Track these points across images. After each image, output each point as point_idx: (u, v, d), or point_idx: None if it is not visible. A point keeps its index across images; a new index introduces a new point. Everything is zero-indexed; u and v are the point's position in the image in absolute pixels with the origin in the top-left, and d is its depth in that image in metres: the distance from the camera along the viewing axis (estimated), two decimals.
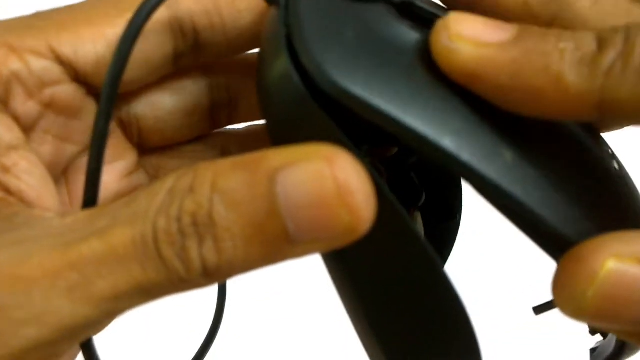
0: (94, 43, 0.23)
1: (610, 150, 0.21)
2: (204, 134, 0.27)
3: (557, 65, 0.18)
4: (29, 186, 0.21)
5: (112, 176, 0.25)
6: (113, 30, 0.23)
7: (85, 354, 0.21)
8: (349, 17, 0.20)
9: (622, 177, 0.20)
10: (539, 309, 0.23)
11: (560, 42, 0.18)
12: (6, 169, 0.21)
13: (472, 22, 0.19)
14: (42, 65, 0.22)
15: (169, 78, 0.25)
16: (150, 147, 0.26)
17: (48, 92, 0.23)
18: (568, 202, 0.19)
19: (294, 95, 0.19)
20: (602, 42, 0.18)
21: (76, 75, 0.23)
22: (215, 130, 0.27)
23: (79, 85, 0.23)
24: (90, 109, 0.24)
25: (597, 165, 0.20)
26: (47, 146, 0.23)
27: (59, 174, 0.25)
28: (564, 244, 0.18)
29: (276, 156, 0.17)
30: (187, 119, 0.26)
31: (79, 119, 0.24)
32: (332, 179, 0.17)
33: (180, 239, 0.17)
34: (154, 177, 0.26)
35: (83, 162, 0.25)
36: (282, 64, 0.19)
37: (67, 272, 0.18)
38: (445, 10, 0.21)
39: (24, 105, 0.22)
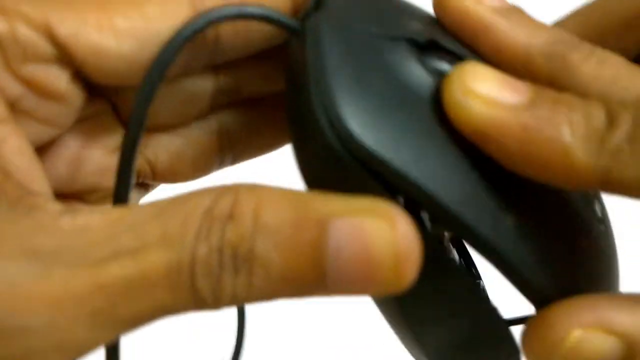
0: (100, 32, 0.20)
1: (595, 206, 0.22)
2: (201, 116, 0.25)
3: (566, 138, 0.18)
4: (19, 169, 0.19)
5: (99, 151, 0.23)
6: (124, 21, 0.20)
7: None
8: (372, 63, 0.20)
9: (605, 235, 0.22)
10: (511, 322, 0.24)
11: (572, 112, 0.18)
12: None
13: (488, 78, 0.19)
14: (29, 36, 0.20)
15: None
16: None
17: (29, 69, 0.20)
18: (552, 262, 0.20)
19: (330, 152, 0.19)
20: (611, 118, 0.18)
21: (69, 60, 0.20)
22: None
23: (65, 69, 0.21)
24: (74, 95, 0.21)
25: (583, 224, 0.21)
26: (28, 128, 0.21)
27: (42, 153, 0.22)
28: (544, 298, 0.20)
29: (328, 203, 0.17)
30: (185, 106, 0.24)
31: (61, 104, 0.21)
32: (393, 242, 0.16)
33: (218, 272, 0.17)
34: (140, 152, 0.24)
35: (62, 142, 0.23)
36: (314, 117, 0.19)
37: (93, 295, 0.16)
38: (465, 49, 0.21)
39: (4, 78, 0.20)
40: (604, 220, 0.23)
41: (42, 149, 0.22)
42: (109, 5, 0.20)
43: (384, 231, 0.16)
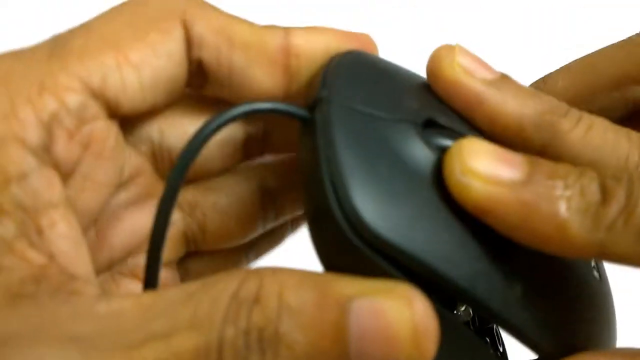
0: (120, 70, 0.21)
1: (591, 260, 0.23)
2: (233, 165, 0.26)
3: (563, 214, 0.19)
4: (62, 252, 0.20)
5: (145, 216, 0.24)
6: (137, 54, 0.22)
7: None
8: (380, 148, 0.20)
9: (601, 290, 0.23)
10: None
11: (567, 187, 0.19)
12: (41, 231, 0.20)
13: (485, 155, 0.20)
14: (78, 102, 0.21)
15: (202, 110, 0.25)
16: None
17: (86, 131, 0.21)
18: (556, 322, 0.21)
19: (344, 240, 0.19)
20: (605, 192, 0.19)
21: (108, 106, 0.22)
22: (247, 162, 0.26)
23: (111, 122, 0.22)
24: (122, 149, 0.23)
25: (583, 283, 0.22)
26: (85, 194, 0.22)
27: (91, 221, 0.23)
28: (548, 355, 0.21)
29: (348, 284, 0.18)
30: (220, 150, 0.25)
31: (113, 161, 0.23)
32: (411, 321, 0.17)
33: (245, 354, 0.17)
34: (189, 214, 0.26)
35: (115, 203, 0.24)
36: (327, 206, 0.20)
37: None
38: (462, 121, 0.22)
39: (66, 150, 0.21)
40: (599, 271, 0.23)
41: (103, 226, 0.24)
42: (118, 42, 0.22)
43: (402, 311, 0.17)
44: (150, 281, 0.21)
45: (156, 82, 0.22)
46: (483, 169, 0.19)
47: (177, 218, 0.25)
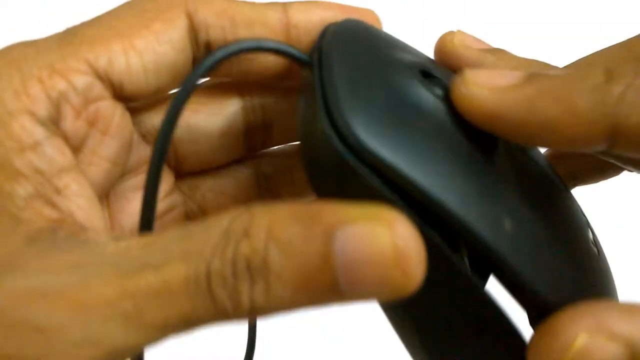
0: (126, 55, 0.23)
1: (589, 233, 0.24)
2: (238, 158, 0.28)
3: (568, 95, 0.20)
4: (79, 208, 0.21)
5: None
6: (141, 41, 0.23)
7: None
8: (377, 81, 0.21)
9: (598, 257, 0.23)
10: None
11: (568, 77, 0.20)
12: (58, 190, 0.21)
13: (486, 72, 0.22)
14: (85, 82, 0.23)
15: (204, 100, 0.26)
16: (186, 171, 0.27)
17: (92, 109, 0.23)
18: (552, 269, 0.21)
19: (339, 160, 0.20)
20: (610, 74, 0.20)
21: (113, 87, 0.23)
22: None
23: (117, 102, 0.24)
24: (127, 128, 0.25)
25: (581, 239, 0.23)
26: (93, 167, 0.24)
27: (103, 197, 0.25)
28: (545, 307, 0.21)
29: (334, 212, 0.18)
30: (222, 140, 0.26)
31: (118, 139, 0.24)
32: (392, 244, 0.17)
33: (233, 281, 0.18)
34: (189, 197, 0.27)
35: (124, 187, 0.26)
36: (322, 130, 0.20)
37: (123, 301, 0.18)
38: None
39: (74, 125, 0.23)
40: (597, 247, 0.24)
41: (107, 195, 0.25)
42: (126, 30, 0.23)
43: (383, 234, 0.17)
44: (145, 226, 0.22)
45: (159, 67, 0.24)
46: (486, 80, 0.21)
47: (178, 201, 0.27)
